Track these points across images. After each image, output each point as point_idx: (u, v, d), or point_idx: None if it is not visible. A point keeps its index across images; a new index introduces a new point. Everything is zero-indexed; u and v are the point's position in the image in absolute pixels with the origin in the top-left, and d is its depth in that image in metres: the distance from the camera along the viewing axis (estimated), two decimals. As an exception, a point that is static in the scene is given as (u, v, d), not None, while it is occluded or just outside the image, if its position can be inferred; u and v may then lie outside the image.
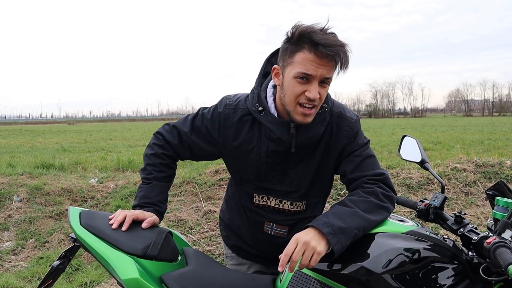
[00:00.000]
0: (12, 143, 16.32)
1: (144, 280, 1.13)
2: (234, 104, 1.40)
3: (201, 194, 4.40)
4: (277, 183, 1.40)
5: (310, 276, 1.15)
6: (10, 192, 4.54)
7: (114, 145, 14.53)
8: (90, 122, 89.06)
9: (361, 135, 1.40)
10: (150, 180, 1.43)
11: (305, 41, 1.19)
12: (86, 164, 7.71)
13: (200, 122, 1.43)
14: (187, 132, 1.44)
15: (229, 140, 1.40)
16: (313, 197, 1.44)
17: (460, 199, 4.15)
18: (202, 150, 1.45)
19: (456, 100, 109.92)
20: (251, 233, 1.51)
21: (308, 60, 1.19)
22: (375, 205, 1.24)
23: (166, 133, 1.48)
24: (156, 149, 1.47)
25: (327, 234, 1.12)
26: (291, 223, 1.43)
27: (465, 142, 12.61)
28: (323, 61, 1.19)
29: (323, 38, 1.17)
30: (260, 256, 1.55)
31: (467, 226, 1.28)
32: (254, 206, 1.45)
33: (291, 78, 1.23)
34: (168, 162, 1.47)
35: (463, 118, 58.30)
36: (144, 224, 1.30)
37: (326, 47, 1.16)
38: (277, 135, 1.31)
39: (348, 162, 1.36)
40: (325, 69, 1.20)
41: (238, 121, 1.38)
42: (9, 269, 3.42)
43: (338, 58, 1.19)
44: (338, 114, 1.38)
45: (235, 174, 1.48)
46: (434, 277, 1.14)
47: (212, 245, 3.58)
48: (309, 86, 1.21)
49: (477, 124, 29.65)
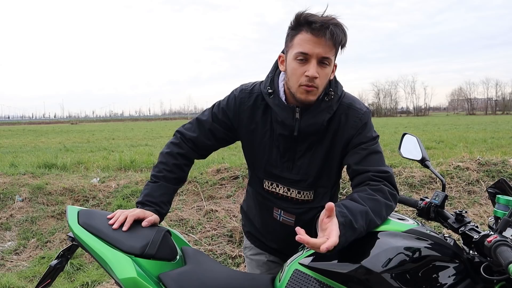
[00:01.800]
0: (15, 143, 16.38)
1: (141, 279, 1.13)
2: (250, 89, 1.45)
3: (203, 193, 4.40)
4: (285, 170, 1.42)
5: (309, 275, 1.14)
6: (12, 192, 4.55)
7: (116, 144, 14.56)
8: (93, 122, 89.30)
9: (370, 128, 1.38)
10: (158, 179, 1.44)
11: (302, 24, 1.25)
12: (88, 163, 7.72)
13: (217, 109, 1.48)
14: (207, 120, 1.48)
15: (245, 124, 1.44)
16: (321, 187, 1.45)
17: (463, 198, 4.12)
18: (223, 135, 1.49)
19: (459, 98, 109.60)
20: (262, 219, 1.55)
21: (305, 40, 1.24)
22: (382, 204, 1.23)
23: (185, 131, 1.52)
24: (172, 147, 1.50)
25: (340, 223, 1.09)
26: (298, 211, 1.45)
27: (468, 141, 12.56)
28: (320, 40, 1.22)
29: (318, 18, 1.23)
30: (272, 248, 1.58)
31: (468, 225, 1.27)
32: (264, 192, 1.49)
33: (291, 60, 1.28)
34: (181, 163, 1.48)
35: (466, 117, 58.08)
36: (144, 223, 1.30)
37: (319, 24, 1.21)
38: (281, 118, 1.34)
39: (354, 154, 1.35)
40: (322, 48, 1.23)
41: (252, 105, 1.42)
42: (11, 268, 3.42)
43: (333, 33, 1.22)
44: (348, 105, 1.38)
45: (249, 159, 1.52)
46: (434, 276, 1.13)
47: (214, 245, 3.58)
48: (308, 65, 1.25)
49: (480, 122, 29.54)
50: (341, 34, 1.24)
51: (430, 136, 15.36)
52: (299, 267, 1.16)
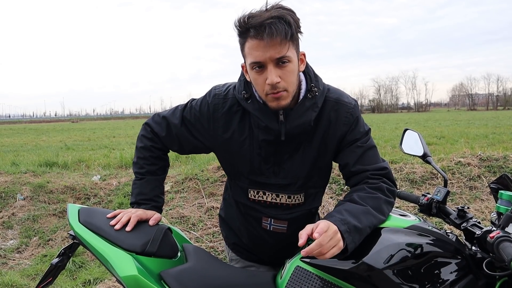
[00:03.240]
0: (16, 142, 16.40)
1: (142, 277, 1.12)
2: (224, 94, 1.33)
3: (204, 190, 4.40)
4: (272, 176, 1.32)
5: (311, 272, 1.13)
6: (14, 191, 4.55)
7: (117, 142, 14.56)
8: (94, 120, 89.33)
9: (361, 123, 1.33)
10: (143, 175, 1.40)
11: (243, 31, 1.14)
12: (89, 162, 7.72)
13: (189, 114, 1.37)
14: (176, 124, 1.37)
15: (220, 132, 1.33)
16: (311, 188, 1.37)
17: (464, 194, 4.11)
18: (191, 143, 1.39)
19: (460, 94, 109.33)
20: (248, 231, 1.44)
21: (253, 48, 1.13)
22: (383, 201, 1.22)
23: (154, 125, 1.43)
24: (145, 141, 1.43)
25: (343, 232, 1.07)
26: (290, 217, 1.36)
27: (469, 136, 12.52)
28: (266, 41, 1.10)
29: (256, 19, 1.11)
30: (262, 258, 1.49)
31: (470, 221, 1.26)
32: (249, 202, 1.38)
33: (250, 71, 1.19)
34: (158, 155, 1.43)
35: (467, 112, 57.95)
36: (151, 221, 1.30)
37: (258, 26, 1.09)
38: (265, 123, 1.24)
39: (350, 153, 1.30)
40: (272, 49, 1.11)
41: (228, 111, 1.31)
42: (13, 267, 3.43)
43: (273, 31, 1.09)
44: (335, 100, 1.30)
45: (228, 168, 1.42)
46: (436, 272, 1.12)
47: (215, 242, 3.58)
48: (266, 72, 1.15)
49: (481, 118, 29.46)
50: (283, 27, 1.10)
51: (431, 131, 15.32)
52: (300, 264, 1.16)
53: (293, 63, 1.17)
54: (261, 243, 1.44)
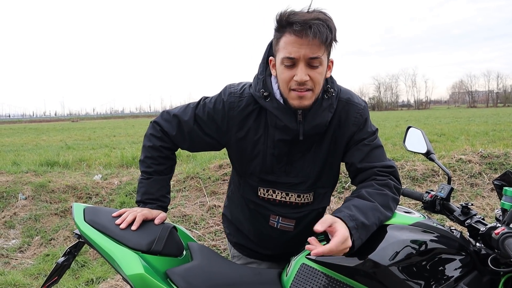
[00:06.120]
0: (16, 142, 16.39)
1: (149, 275, 1.13)
2: (239, 92, 1.33)
3: (205, 189, 4.40)
4: (283, 175, 1.34)
5: (316, 269, 1.14)
6: (15, 190, 4.56)
7: (118, 141, 14.57)
8: (94, 119, 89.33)
9: (369, 123, 1.35)
10: (150, 174, 1.40)
11: (284, 25, 1.17)
12: (90, 161, 7.73)
13: (202, 112, 1.36)
14: (188, 122, 1.36)
15: (234, 130, 1.33)
16: (320, 188, 1.38)
17: (465, 191, 4.12)
18: (203, 140, 1.38)
19: (460, 91, 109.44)
20: (255, 229, 1.45)
21: (289, 43, 1.16)
22: (390, 198, 1.22)
23: (164, 123, 1.40)
24: (154, 141, 1.40)
25: (351, 228, 1.08)
26: (298, 216, 1.38)
27: (469, 134, 12.53)
28: (305, 40, 1.13)
29: (300, 17, 1.14)
30: (266, 254, 1.49)
31: (474, 217, 1.27)
32: (258, 199, 1.38)
33: (279, 65, 1.21)
34: (167, 154, 1.42)
35: (467, 110, 57.94)
36: (156, 220, 1.31)
37: (301, 23, 1.12)
38: (284, 122, 1.25)
39: (357, 151, 1.31)
40: (308, 48, 1.14)
41: (243, 110, 1.31)
42: (16, 266, 3.44)
43: (316, 32, 1.12)
44: (346, 101, 1.32)
45: (239, 167, 1.41)
46: (441, 269, 1.13)
47: (217, 240, 3.59)
48: (296, 69, 1.17)
49: (482, 115, 29.47)
50: (326, 31, 1.14)
51: (432, 129, 15.32)
52: (306, 261, 1.16)
53: (323, 66, 1.20)
54: (267, 239, 1.45)
